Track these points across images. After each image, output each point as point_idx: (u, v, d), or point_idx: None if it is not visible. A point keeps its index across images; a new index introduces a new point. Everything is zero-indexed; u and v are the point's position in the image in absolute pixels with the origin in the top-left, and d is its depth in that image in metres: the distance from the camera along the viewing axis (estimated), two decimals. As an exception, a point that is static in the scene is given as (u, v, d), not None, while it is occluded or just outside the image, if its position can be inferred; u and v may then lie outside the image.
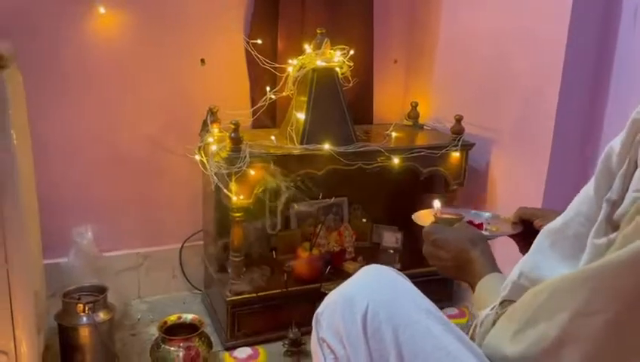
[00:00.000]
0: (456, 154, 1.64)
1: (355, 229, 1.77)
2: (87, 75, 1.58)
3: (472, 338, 0.70)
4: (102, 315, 1.36)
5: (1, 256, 1.03)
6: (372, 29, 1.85)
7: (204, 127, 1.59)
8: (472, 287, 0.82)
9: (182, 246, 1.78)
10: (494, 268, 0.81)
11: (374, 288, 0.70)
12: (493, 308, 0.69)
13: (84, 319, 1.33)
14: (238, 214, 1.44)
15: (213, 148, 1.42)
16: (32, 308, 1.10)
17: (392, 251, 1.79)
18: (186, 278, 1.81)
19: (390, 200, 1.90)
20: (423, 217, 1.05)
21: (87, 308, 1.33)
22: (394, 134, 1.69)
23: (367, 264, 1.63)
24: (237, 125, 1.39)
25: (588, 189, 0.64)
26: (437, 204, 1.06)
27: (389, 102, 2.00)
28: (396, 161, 1.55)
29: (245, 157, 1.38)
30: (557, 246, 0.65)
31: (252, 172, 1.40)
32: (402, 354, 0.64)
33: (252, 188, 1.42)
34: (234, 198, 1.40)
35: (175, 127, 1.70)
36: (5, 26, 1.43)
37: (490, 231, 1.01)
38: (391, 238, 1.84)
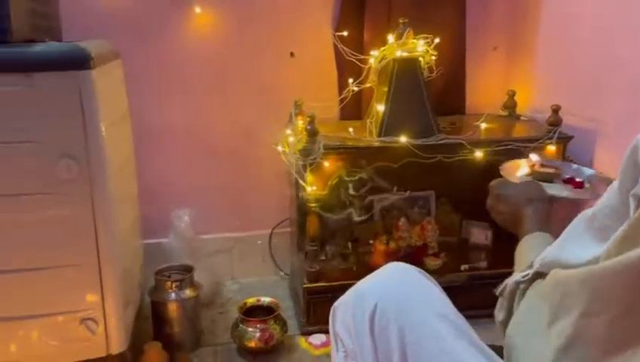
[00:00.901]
0: (551, 148, 1.52)
1: (441, 224, 1.72)
2: (185, 70, 1.72)
3: (501, 294, 0.73)
4: (188, 292, 1.48)
5: (92, 237, 1.17)
6: (464, 16, 1.77)
7: (291, 119, 1.65)
8: None
9: (271, 232, 1.87)
10: (541, 227, 0.82)
11: (388, 287, 0.69)
12: (525, 276, 0.69)
13: (172, 295, 1.46)
14: (313, 204, 1.47)
15: (291, 140, 1.47)
16: (119, 283, 1.23)
17: (480, 248, 1.71)
18: (275, 263, 1.90)
19: (482, 194, 1.81)
20: (513, 169, 1.05)
21: (174, 285, 1.46)
22: (484, 125, 1.60)
23: (450, 260, 1.61)
24: (312, 118, 1.42)
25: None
26: (534, 156, 1.04)
27: (485, 91, 1.90)
28: (479, 154, 1.47)
29: (319, 149, 1.40)
30: (585, 235, 0.61)
31: (326, 163, 1.43)
32: (406, 354, 0.63)
33: (327, 180, 1.44)
34: (308, 189, 1.44)
35: (265, 118, 1.77)
36: (112, 26, 1.60)
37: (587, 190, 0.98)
38: (480, 235, 1.75)
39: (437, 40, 1.56)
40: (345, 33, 1.70)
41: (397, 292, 0.68)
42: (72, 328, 1.20)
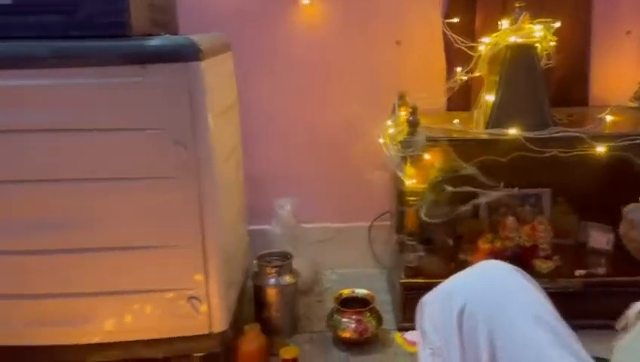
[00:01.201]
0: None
1: (555, 224, 1.59)
2: (292, 61, 1.75)
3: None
4: (287, 279, 1.51)
5: (198, 220, 1.23)
6: (590, -2, 1.61)
7: (394, 110, 1.61)
8: None
9: (371, 224, 1.86)
10: None
11: (478, 286, 0.65)
12: None
13: (272, 280, 1.50)
14: (412, 198, 1.43)
15: (391, 131, 1.44)
16: (222, 265, 1.28)
17: (600, 253, 1.56)
18: (374, 255, 1.88)
19: (605, 194, 1.65)
20: None
21: (274, 271, 1.50)
22: (609, 118, 1.46)
23: (564, 264, 1.49)
24: (415, 108, 1.38)
25: None
26: None
27: (613, 80, 1.72)
28: (601, 149, 1.33)
29: (420, 141, 1.36)
30: None
31: (427, 156, 1.38)
32: (496, 358, 0.58)
33: (428, 173, 1.40)
34: (408, 182, 1.40)
35: (369, 109, 1.75)
36: (225, 20, 1.67)
37: None
38: (601, 238, 1.60)
39: (557, 24, 1.43)
40: (455, 20, 1.63)
41: (487, 291, 0.64)
42: (180, 305, 1.27)
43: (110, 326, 1.28)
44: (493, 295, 0.63)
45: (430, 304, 0.70)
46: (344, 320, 1.45)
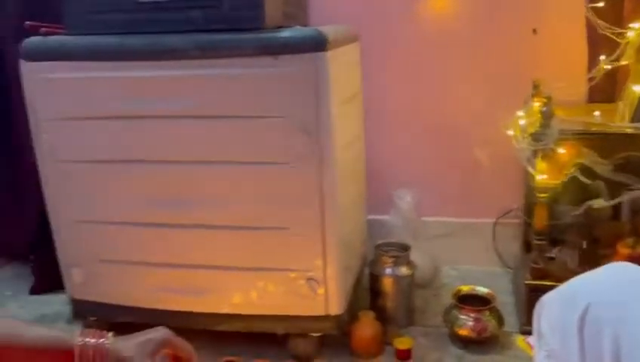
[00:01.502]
0: None
1: None
2: (419, 48, 1.73)
3: None
4: (403, 270, 1.51)
5: (318, 206, 1.27)
6: None
7: (527, 101, 1.52)
8: None
9: (496, 221, 1.78)
10: None
11: (604, 287, 0.60)
12: None
13: (388, 270, 1.50)
14: (542, 195, 1.34)
15: (521, 122, 1.36)
16: (340, 251, 1.31)
17: None
18: (498, 254, 1.80)
19: None
20: None
21: (390, 261, 1.50)
22: None
23: None
24: (549, 99, 1.29)
25: None
26: None
27: None
28: None
29: (554, 133, 1.27)
30: None
31: (562, 150, 1.28)
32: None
33: (561, 169, 1.30)
34: (538, 177, 1.32)
35: (500, 99, 1.66)
36: (354, 11, 1.70)
37: None
38: None
39: None
40: (600, 4, 1.49)
41: (615, 294, 0.59)
42: (299, 285, 1.33)
43: (236, 299, 1.37)
44: (621, 297, 0.58)
45: (549, 304, 0.65)
46: (462, 316, 1.41)
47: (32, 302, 1.71)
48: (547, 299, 0.68)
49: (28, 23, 1.33)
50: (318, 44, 1.18)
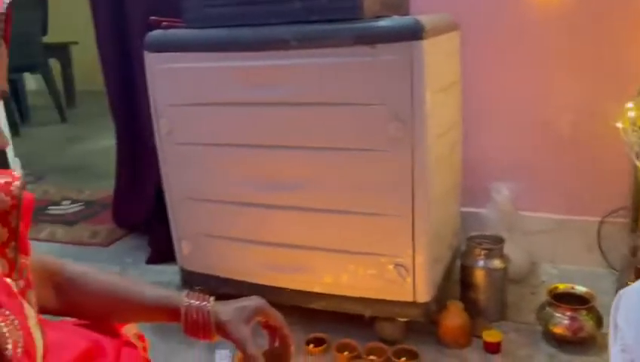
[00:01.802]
0: None
1: None
2: (522, 37, 1.68)
3: None
4: (496, 263, 1.48)
5: (409, 193, 1.29)
6: None
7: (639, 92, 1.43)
8: None
9: (601, 220, 1.68)
10: None
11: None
12: None
13: (480, 262, 1.49)
14: (652, 192, 1.26)
15: (631, 115, 1.28)
16: (429, 239, 1.32)
17: None
18: (602, 254, 1.70)
19: None
20: None
21: (483, 253, 1.48)
22: None
23: None
24: (664, 89, 1.21)
25: None
26: None
27: None
28: None
29: (668, 126, 1.19)
30: None
31: (676, 145, 1.20)
32: None
33: (675, 164, 1.21)
34: (648, 173, 1.24)
35: (608, 90, 1.58)
36: (456, 0, 1.68)
37: None
38: None
39: None
40: None
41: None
42: (388, 270, 1.37)
43: (327, 279, 1.44)
44: None
45: (627, 297, 0.63)
46: (557, 314, 1.37)
47: (149, 270, 1.90)
48: (626, 292, 0.65)
49: (152, 18, 1.48)
50: (414, 33, 1.20)
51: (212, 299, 0.89)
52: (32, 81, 5.78)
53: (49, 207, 2.56)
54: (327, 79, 1.30)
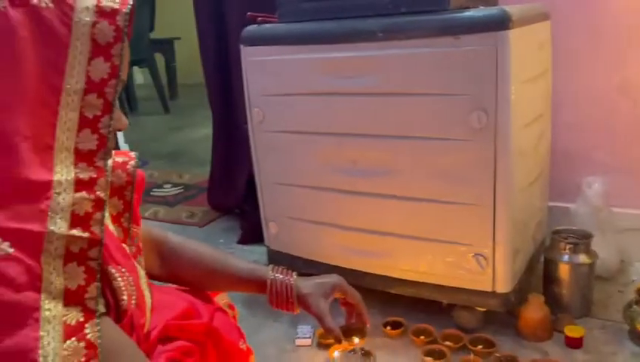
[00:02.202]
0: None
1: None
2: (616, 29, 1.60)
3: None
4: (582, 258, 1.45)
5: (491, 182, 1.29)
6: None
7: None
8: None
9: None
10: None
11: None
12: None
13: (565, 257, 1.46)
14: None
15: None
16: (510, 230, 1.32)
17: None
18: None
19: None
20: None
21: (568, 248, 1.45)
22: None
23: None
24: None
25: None
26: None
27: None
28: None
29: None
30: None
31: None
32: None
33: None
34: None
35: None
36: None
37: None
38: None
39: None
40: None
41: None
42: (466, 259, 1.38)
43: (406, 266, 1.48)
44: None
45: None
46: (645, 313, 1.32)
47: (239, 250, 2.04)
48: None
49: (248, 14, 1.59)
50: (499, 24, 1.21)
51: (295, 274, 0.97)
52: (139, 75, 6.26)
53: (153, 189, 2.79)
54: (411, 70, 1.34)
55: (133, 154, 0.87)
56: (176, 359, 0.78)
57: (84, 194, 0.56)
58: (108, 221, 0.82)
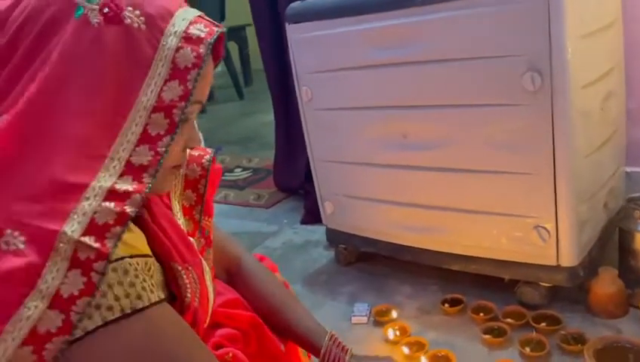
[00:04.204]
0: None
1: None
2: None
3: None
4: (659, 228, 1.31)
5: (549, 148, 1.19)
6: None
7: None
8: None
9: None
10: None
11: None
12: None
13: (641, 226, 1.33)
14: None
15: None
16: (574, 199, 1.22)
17: None
18: None
19: None
20: None
21: (643, 216, 1.32)
22: None
23: None
24: None
25: None
26: None
27: None
28: None
29: None
30: None
31: None
32: None
33: None
34: None
35: None
36: None
37: None
38: None
39: None
40: None
41: None
42: (525, 231, 1.30)
43: (466, 241, 1.42)
44: None
45: None
46: None
47: (302, 229, 2.06)
48: None
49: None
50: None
51: (350, 350, 0.90)
52: (216, 64, 6.44)
53: (225, 174, 2.88)
54: (457, 33, 1.26)
55: (209, 149, 0.88)
56: (221, 344, 0.79)
57: (111, 205, 0.56)
58: (178, 214, 0.83)
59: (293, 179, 2.28)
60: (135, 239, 0.62)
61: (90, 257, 0.54)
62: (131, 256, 0.58)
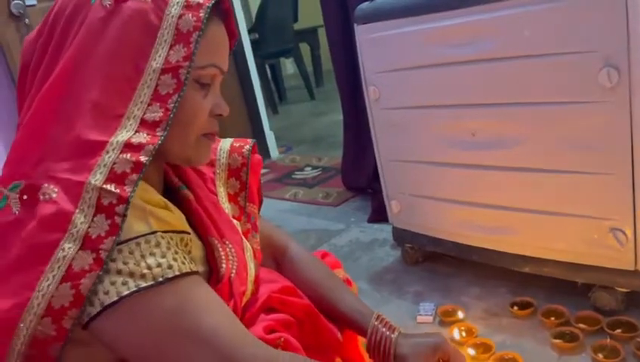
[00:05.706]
0: None
1: None
2: None
3: None
4: None
5: (628, 147, 1.13)
6: None
7: None
8: None
9: None
10: None
11: None
12: None
13: None
14: None
15: None
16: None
17: None
18: None
19: None
20: None
21: None
22: None
23: None
24: None
25: None
26: None
27: None
28: None
29: None
30: None
31: None
32: None
33: None
34: None
35: None
36: None
37: None
38: None
39: None
40: None
41: None
42: (601, 234, 1.24)
43: (537, 243, 1.38)
44: None
45: None
46: None
47: (369, 228, 2.07)
48: None
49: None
50: (627, -36, 1.05)
51: (398, 329, 0.90)
52: (289, 65, 6.59)
53: (295, 172, 2.95)
54: (527, 29, 1.23)
55: (250, 140, 0.96)
56: (274, 328, 0.81)
57: (127, 155, 0.63)
58: (223, 200, 0.91)
59: (360, 178, 2.30)
60: (172, 217, 0.69)
61: (113, 202, 0.61)
62: (165, 231, 0.66)
